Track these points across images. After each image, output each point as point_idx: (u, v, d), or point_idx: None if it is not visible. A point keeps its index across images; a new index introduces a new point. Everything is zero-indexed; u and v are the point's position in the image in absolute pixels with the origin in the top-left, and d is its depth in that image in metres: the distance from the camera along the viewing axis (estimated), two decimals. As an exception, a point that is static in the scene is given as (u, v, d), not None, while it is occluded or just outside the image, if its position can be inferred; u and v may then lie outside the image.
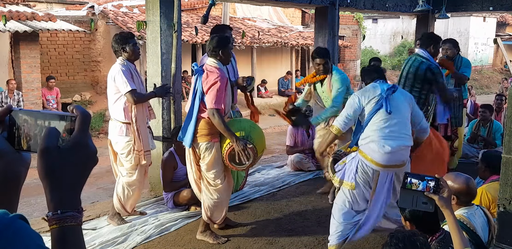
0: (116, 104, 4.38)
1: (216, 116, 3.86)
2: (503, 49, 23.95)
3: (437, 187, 2.29)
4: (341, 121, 3.75)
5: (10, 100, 9.56)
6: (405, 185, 2.31)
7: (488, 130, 7.45)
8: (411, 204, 2.33)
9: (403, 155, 3.70)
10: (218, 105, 3.86)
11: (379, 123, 3.65)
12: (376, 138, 3.63)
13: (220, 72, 3.94)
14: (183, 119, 4.19)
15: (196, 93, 3.99)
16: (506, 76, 18.38)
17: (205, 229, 4.34)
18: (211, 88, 3.87)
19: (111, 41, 4.42)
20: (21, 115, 0.91)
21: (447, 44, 6.19)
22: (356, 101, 3.74)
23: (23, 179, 0.93)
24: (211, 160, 4.04)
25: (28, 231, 0.78)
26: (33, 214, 5.42)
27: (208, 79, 3.89)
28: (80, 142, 0.87)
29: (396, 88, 3.77)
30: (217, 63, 3.99)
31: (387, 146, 3.58)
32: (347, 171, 3.75)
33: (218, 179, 4.12)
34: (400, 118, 3.69)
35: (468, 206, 2.99)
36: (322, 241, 4.27)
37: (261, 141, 4.15)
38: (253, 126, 4.27)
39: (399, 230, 2.62)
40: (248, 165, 4.08)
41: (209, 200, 4.18)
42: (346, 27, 19.46)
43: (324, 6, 7.61)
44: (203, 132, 4.00)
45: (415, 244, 2.40)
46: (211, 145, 4.03)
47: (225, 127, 3.91)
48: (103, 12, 12.42)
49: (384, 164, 3.62)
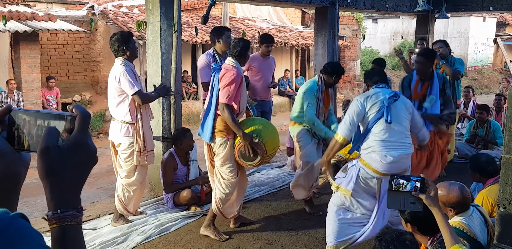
0: (120, 105, 4.38)
1: (226, 111, 4.01)
2: (503, 49, 23.94)
3: (423, 186, 2.31)
4: (345, 129, 3.70)
5: (10, 100, 9.56)
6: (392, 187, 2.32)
7: (486, 130, 7.45)
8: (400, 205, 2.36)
9: (405, 163, 3.73)
10: (229, 101, 4.02)
11: (380, 133, 3.64)
12: (377, 148, 3.63)
13: (237, 70, 4.08)
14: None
15: (213, 90, 4.16)
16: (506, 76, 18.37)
17: (209, 224, 4.40)
18: (226, 85, 4.02)
19: (110, 41, 4.40)
20: (20, 115, 0.91)
21: (438, 43, 6.41)
22: (359, 106, 3.72)
23: (23, 179, 0.93)
24: (225, 155, 4.17)
25: (29, 230, 0.78)
26: (33, 214, 5.41)
27: (225, 76, 4.05)
28: (80, 141, 0.87)
29: (398, 97, 3.77)
30: (235, 62, 4.15)
31: (389, 156, 3.59)
32: (347, 178, 3.75)
33: (232, 173, 4.24)
34: (401, 127, 3.69)
35: (465, 211, 2.99)
36: (322, 241, 4.27)
37: (273, 139, 4.24)
38: (266, 124, 4.36)
39: (385, 232, 2.60)
40: (257, 162, 4.15)
41: (221, 194, 4.27)
42: (346, 27, 19.45)
43: (324, 6, 7.61)
44: (220, 128, 4.14)
45: (405, 244, 2.40)
46: (225, 140, 4.16)
47: (234, 121, 4.04)
48: (103, 12, 12.41)
49: (386, 173, 3.62)
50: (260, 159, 4.13)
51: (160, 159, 5.16)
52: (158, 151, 5.27)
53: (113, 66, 4.40)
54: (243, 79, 4.14)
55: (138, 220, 4.71)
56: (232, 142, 4.18)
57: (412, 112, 3.85)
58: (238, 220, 4.64)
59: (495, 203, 3.46)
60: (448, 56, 6.33)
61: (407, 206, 2.35)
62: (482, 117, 7.50)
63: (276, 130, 4.45)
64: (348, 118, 3.72)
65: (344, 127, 3.71)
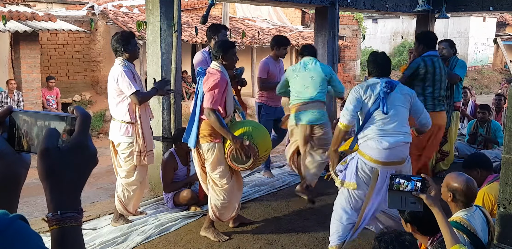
0: (120, 105, 4.37)
1: (212, 115, 3.94)
2: (503, 49, 23.93)
3: (423, 186, 2.31)
4: (347, 116, 3.72)
5: (10, 101, 9.56)
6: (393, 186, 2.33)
7: (487, 130, 7.44)
8: (400, 204, 2.36)
9: (402, 151, 3.69)
10: (214, 106, 3.94)
11: (377, 123, 3.66)
12: (373, 136, 3.64)
13: (221, 74, 3.99)
14: (183, 120, 4.21)
15: (198, 95, 4.09)
16: (506, 76, 18.37)
17: (209, 226, 4.38)
18: (210, 89, 3.94)
19: (111, 40, 4.40)
20: (21, 116, 0.90)
21: (442, 44, 6.16)
22: (355, 95, 3.74)
23: (23, 180, 0.93)
24: (214, 160, 4.09)
25: (28, 232, 0.78)
26: (33, 214, 5.42)
27: (208, 80, 3.97)
28: (80, 143, 0.87)
29: (395, 86, 3.75)
30: (219, 66, 4.06)
31: (385, 142, 3.59)
32: (348, 171, 3.75)
33: (223, 178, 4.15)
34: (398, 117, 3.69)
35: (468, 208, 2.99)
36: (322, 241, 4.27)
37: (264, 141, 4.17)
38: (256, 126, 4.31)
39: (384, 233, 2.60)
40: (249, 164, 4.09)
41: (216, 201, 4.23)
42: (346, 27, 19.45)
43: (324, 6, 7.61)
44: (205, 133, 4.07)
45: (404, 244, 2.40)
46: (213, 145, 4.08)
47: (221, 125, 3.96)
48: (103, 12, 12.41)
49: (383, 161, 3.61)
50: (253, 161, 4.06)
51: (160, 159, 5.16)
52: (158, 151, 5.27)
53: (113, 66, 4.40)
54: (228, 83, 4.04)
55: (138, 220, 4.71)
56: (220, 146, 4.09)
57: (411, 100, 3.82)
58: (237, 220, 4.63)
59: (496, 200, 3.46)
60: (451, 57, 6.13)
61: (407, 206, 2.36)
62: (484, 117, 7.48)
63: (267, 131, 4.41)
64: (348, 106, 3.75)
65: (345, 113, 3.74)
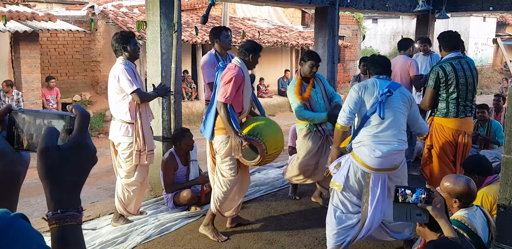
0: (120, 104, 4.38)
1: (222, 109, 4.03)
2: (503, 49, 23.92)
3: (429, 197, 2.30)
4: (344, 118, 3.72)
5: (8, 100, 9.55)
6: (398, 199, 2.32)
7: (487, 129, 7.42)
8: (406, 217, 2.36)
9: (396, 159, 3.66)
10: (226, 100, 4.02)
11: (372, 128, 3.63)
12: (367, 143, 3.61)
13: (238, 70, 4.08)
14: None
15: (216, 88, 4.18)
16: (506, 76, 18.36)
17: (209, 223, 4.41)
18: (226, 83, 4.04)
19: (111, 40, 4.41)
20: (20, 115, 0.90)
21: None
22: (354, 95, 3.71)
23: (23, 179, 0.93)
24: (225, 153, 4.20)
25: (30, 230, 0.78)
26: (33, 214, 5.42)
27: (226, 74, 4.08)
28: (79, 141, 0.87)
29: (395, 89, 3.70)
30: (240, 62, 4.16)
31: (378, 151, 3.56)
32: (340, 172, 3.76)
33: (232, 171, 4.26)
34: (394, 122, 3.64)
35: (468, 207, 2.99)
36: (322, 241, 4.27)
37: (274, 139, 4.24)
38: (269, 123, 4.36)
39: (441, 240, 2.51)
40: (257, 160, 4.15)
41: (219, 191, 4.29)
42: (346, 27, 19.45)
43: (324, 6, 7.61)
44: (220, 126, 4.17)
45: None
46: (226, 138, 4.17)
47: (228, 121, 4.04)
48: (103, 12, 12.41)
49: (375, 168, 3.61)
50: (260, 158, 4.12)
51: (160, 159, 5.16)
52: (158, 151, 5.27)
53: (114, 65, 4.41)
54: (244, 79, 4.12)
55: (138, 220, 4.71)
56: None
57: (410, 105, 3.76)
58: (235, 221, 4.64)
59: (495, 201, 3.46)
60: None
61: (413, 217, 2.36)
62: (483, 116, 7.46)
63: (280, 130, 4.42)
64: (347, 106, 3.73)
65: (342, 115, 3.74)
